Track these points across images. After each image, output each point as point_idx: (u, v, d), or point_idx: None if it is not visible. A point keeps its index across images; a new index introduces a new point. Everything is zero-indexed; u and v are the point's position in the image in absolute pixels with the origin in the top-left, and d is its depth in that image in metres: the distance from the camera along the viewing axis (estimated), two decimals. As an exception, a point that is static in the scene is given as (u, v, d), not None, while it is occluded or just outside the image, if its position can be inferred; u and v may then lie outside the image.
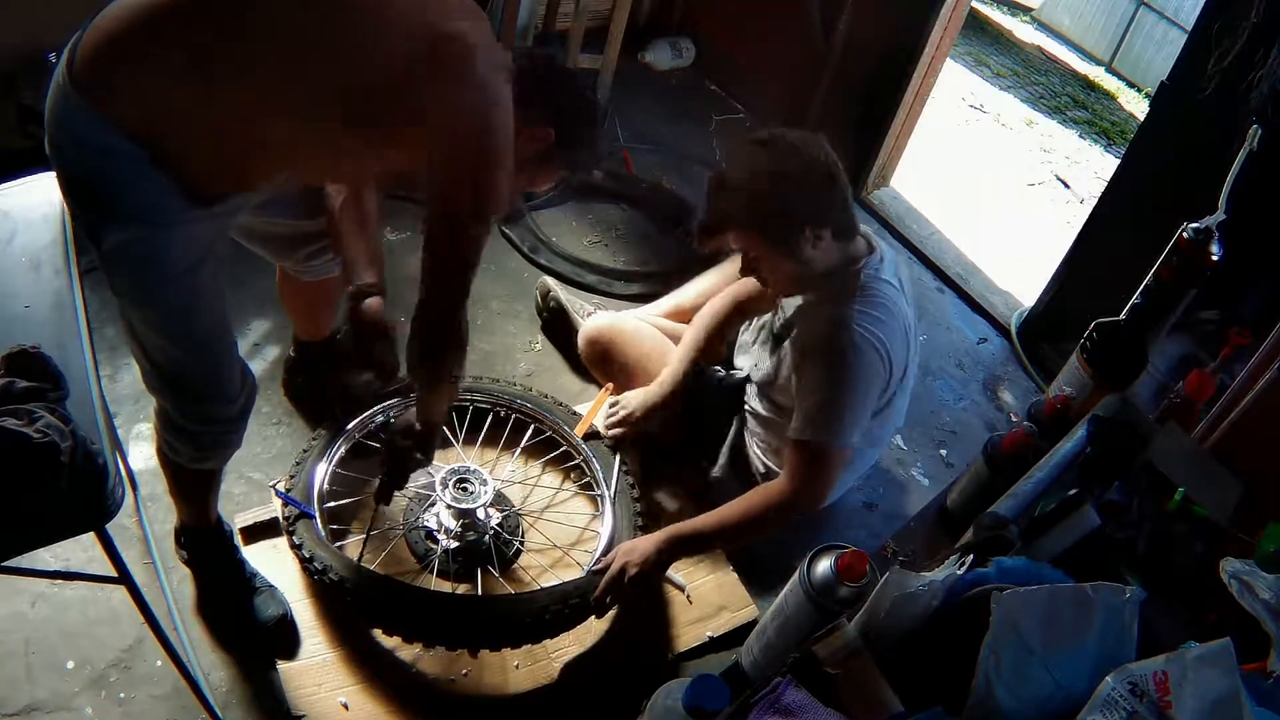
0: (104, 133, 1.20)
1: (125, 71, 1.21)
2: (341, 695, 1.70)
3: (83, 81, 1.20)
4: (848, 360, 1.75)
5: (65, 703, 1.63)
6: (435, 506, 1.94)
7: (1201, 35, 2.38)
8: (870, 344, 1.75)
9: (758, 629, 1.78)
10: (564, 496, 2.14)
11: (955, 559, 1.32)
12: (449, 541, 1.92)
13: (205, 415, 1.46)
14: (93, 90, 1.20)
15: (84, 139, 1.22)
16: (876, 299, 1.79)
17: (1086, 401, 2.14)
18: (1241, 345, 2.06)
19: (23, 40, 2.34)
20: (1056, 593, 1.17)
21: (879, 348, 1.77)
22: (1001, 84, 5.81)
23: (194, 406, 1.45)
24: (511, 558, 1.98)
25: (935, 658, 1.21)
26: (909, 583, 1.21)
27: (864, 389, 1.78)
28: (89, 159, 1.23)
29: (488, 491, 1.91)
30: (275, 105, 1.27)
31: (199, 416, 1.46)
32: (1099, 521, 1.47)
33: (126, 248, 1.28)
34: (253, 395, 1.52)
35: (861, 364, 1.76)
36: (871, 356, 1.76)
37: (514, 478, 2.12)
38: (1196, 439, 1.82)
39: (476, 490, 1.90)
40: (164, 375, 1.41)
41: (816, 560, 1.58)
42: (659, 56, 3.84)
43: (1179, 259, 2.23)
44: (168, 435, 1.50)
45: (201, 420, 1.46)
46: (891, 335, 1.79)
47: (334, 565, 1.70)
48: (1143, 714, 1.06)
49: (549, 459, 2.17)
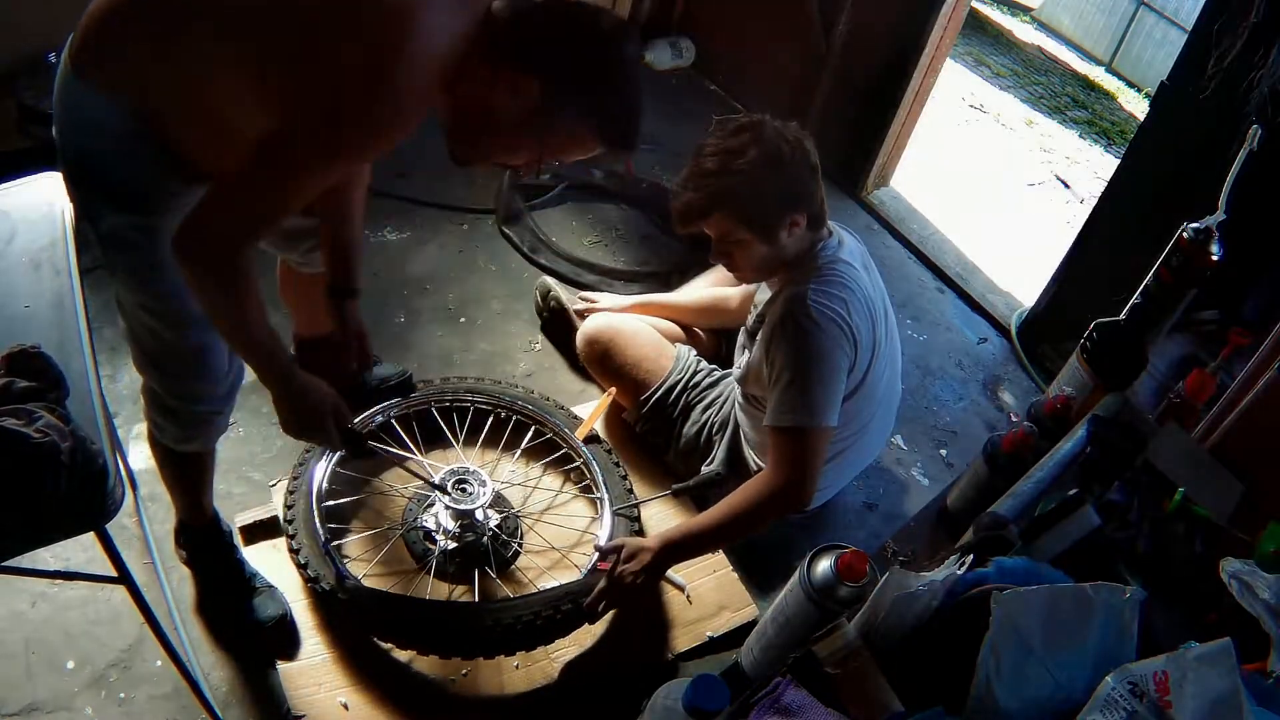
0: (98, 108, 1.22)
1: (113, 47, 1.22)
2: (341, 695, 1.70)
3: (78, 59, 1.22)
4: (808, 337, 1.76)
5: (65, 703, 1.63)
6: (434, 507, 1.94)
7: (1201, 35, 2.38)
8: (829, 318, 1.76)
9: (758, 629, 1.77)
10: (563, 499, 2.14)
11: (955, 559, 1.32)
12: (447, 542, 1.92)
13: (192, 393, 1.46)
14: (86, 67, 1.22)
15: (80, 117, 1.24)
16: (834, 277, 1.81)
17: (1086, 401, 2.14)
18: (1241, 345, 2.06)
19: (23, 40, 2.34)
20: (1056, 593, 1.17)
21: (839, 321, 1.77)
22: (1001, 84, 5.81)
23: (181, 384, 1.45)
24: (510, 559, 1.98)
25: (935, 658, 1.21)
26: (909, 583, 1.21)
27: (829, 363, 1.78)
28: (85, 138, 1.25)
29: (486, 493, 1.90)
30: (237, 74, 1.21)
31: (185, 394, 1.46)
32: (1099, 521, 1.47)
33: (123, 230, 1.29)
34: (239, 376, 1.52)
35: (823, 338, 1.76)
36: (832, 330, 1.77)
37: (514, 479, 2.12)
38: (1196, 439, 1.82)
39: (475, 491, 1.90)
40: (153, 354, 1.42)
41: (816, 560, 1.58)
42: (659, 56, 3.84)
43: (1179, 259, 2.23)
44: (155, 414, 1.51)
45: (188, 398, 1.47)
46: (852, 308, 1.80)
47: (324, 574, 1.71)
48: (1143, 714, 1.06)
49: (549, 461, 2.17)
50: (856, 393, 1.91)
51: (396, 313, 2.53)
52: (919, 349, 2.99)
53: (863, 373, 1.90)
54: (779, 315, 1.81)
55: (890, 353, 2.02)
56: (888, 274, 3.24)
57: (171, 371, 1.45)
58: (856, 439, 2.05)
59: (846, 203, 3.52)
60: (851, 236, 1.97)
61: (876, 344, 1.90)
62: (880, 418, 2.11)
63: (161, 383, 1.46)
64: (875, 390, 1.98)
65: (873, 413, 2.04)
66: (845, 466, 2.12)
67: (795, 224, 1.78)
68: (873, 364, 1.91)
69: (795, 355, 1.77)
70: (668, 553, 1.78)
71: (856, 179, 3.51)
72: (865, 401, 1.97)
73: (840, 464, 2.07)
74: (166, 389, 1.46)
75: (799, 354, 1.77)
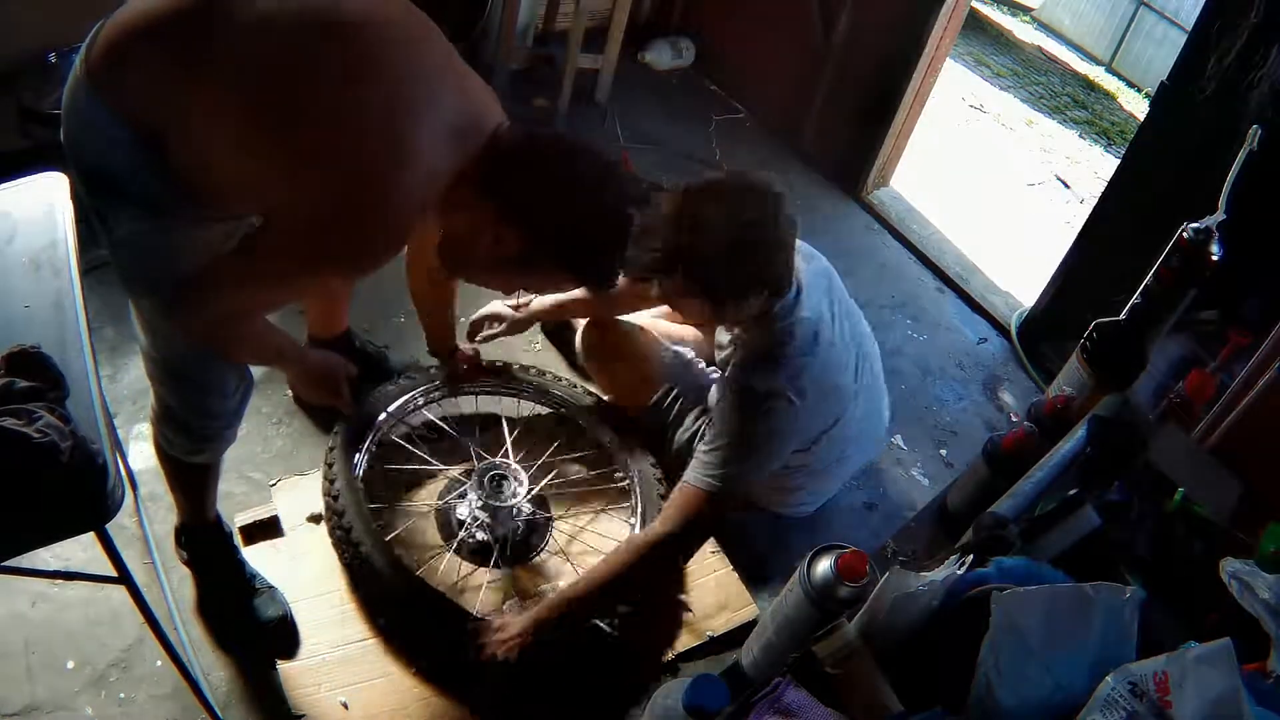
0: (114, 125, 1.21)
1: (131, 71, 1.21)
2: (341, 695, 1.70)
3: (95, 75, 1.21)
4: (748, 421, 1.76)
5: (65, 703, 1.63)
6: (468, 495, 1.99)
7: (1201, 35, 2.38)
8: (773, 406, 1.75)
9: (758, 629, 1.77)
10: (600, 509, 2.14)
11: (955, 559, 1.32)
12: (475, 530, 1.97)
13: (202, 408, 1.47)
14: (104, 85, 1.21)
15: (96, 130, 1.23)
16: (789, 348, 1.76)
17: (1086, 401, 2.14)
18: (1241, 345, 2.06)
19: (23, 40, 2.34)
20: (1056, 593, 1.17)
21: (787, 399, 1.75)
22: (1001, 84, 5.82)
23: (191, 398, 1.46)
24: (532, 557, 2.01)
25: (935, 658, 1.21)
26: (909, 583, 1.21)
27: (764, 447, 1.79)
28: (102, 149, 1.25)
29: (519, 494, 1.95)
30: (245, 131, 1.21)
31: (196, 409, 1.47)
32: (1099, 521, 1.47)
33: (136, 237, 1.29)
34: (248, 391, 1.53)
35: (762, 423, 1.76)
36: (776, 416, 1.75)
37: (554, 483, 2.13)
38: (1196, 439, 1.82)
39: (510, 490, 1.95)
40: (165, 365, 1.43)
41: (816, 560, 1.58)
42: (659, 56, 3.84)
43: (1179, 259, 2.23)
44: (164, 428, 1.51)
45: (198, 413, 1.47)
46: (806, 377, 1.77)
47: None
48: (1143, 714, 1.06)
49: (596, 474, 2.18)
50: (828, 433, 1.93)
51: (397, 313, 2.53)
52: (919, 349, 2.98)
53: (832, 421, 1.91)
54: (729, 380, 1.82)
55: (868, 380, 2.02)
56: (888, 274, 3.26)
57: (184, 384, 1.45)
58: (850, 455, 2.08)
59: (846, 202, 3.53)
60: (813, 269, 1.88)
61: (845, 389, 1.91)
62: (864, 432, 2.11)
63: (174, 396, 1.46)
64: (848, 427, 1.98)
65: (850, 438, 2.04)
66: (830, 483, 2.16)
67: (759, 297, 1.74)
68: (847, 408, 1.93)
69: (732, 429, 1.77)
70: (542, 626, 1.70)
71: (856, 179, 3.51)
72: (837, 442, 1.98)
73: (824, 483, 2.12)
74: (178, 402, 1.46)
75: (737, 431, 1.77)
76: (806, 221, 3.33)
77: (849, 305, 2.01)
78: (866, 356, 2.03)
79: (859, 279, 3.18)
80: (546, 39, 3.49)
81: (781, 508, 2.16)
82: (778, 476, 2.00)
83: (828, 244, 3.31)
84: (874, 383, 2.10)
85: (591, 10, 3.26)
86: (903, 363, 2.90)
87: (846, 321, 1.94)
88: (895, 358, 2.91)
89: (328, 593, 1.83)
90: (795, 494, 2.12)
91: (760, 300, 1.74)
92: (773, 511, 2.17)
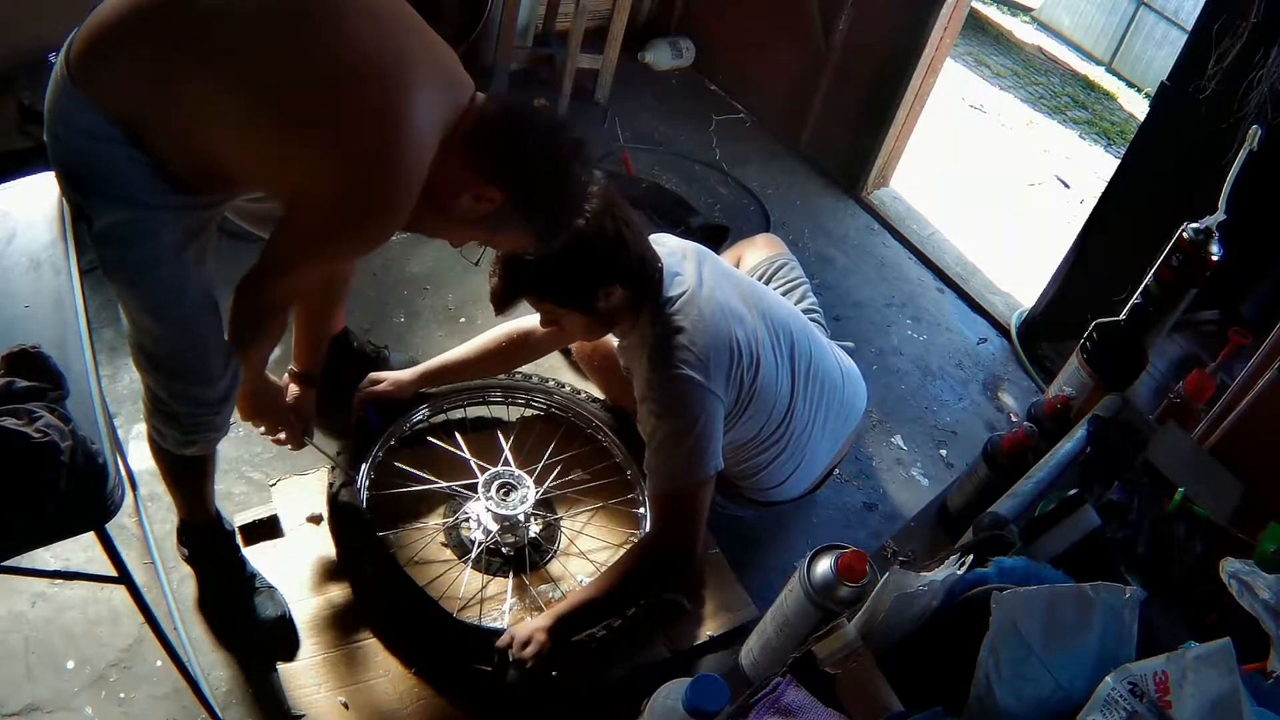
0: (91, 117, 1.25)
1: (109, 62, 1.26)
2: (341, 695, 1.70)
3: (74, 69, 1.26)
4: (665, 401, 1.76)
5: (65, 703, 1.63)
6: (477, 505, 1.98)
7: (1201, 35, 2.38)
8: (680, 374, 1.74)
9: (758, 629, 1.77)
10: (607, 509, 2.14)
11: (955, 559, 1.32)
12: (485, 539, 1.97)
13: (189, 397, 1.47)
14: (82, 78, 1.25)
15: (74, 123, 1.27)
16: (675, 320, 1.78)
17: (1086, 401, 2.14)
18: (1241, 345, 2.05)
19: (23, 40, 2.34)
20: (1056, 593, 1.17)
21: (692, 369, 1.75)
22: (1001, 84, 5.82)
23: (179, 387, 1.46)
24: (544, 564, 2.01)
25: (935, 658, 1.21)
26: (909, 583, 1.21)
27: (693, 421, 1.76)
28: (79, 142, 1.28)
29: (528, 500, 1.95)
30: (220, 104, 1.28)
31: (183, 398, 1.47)
32: (1099, 521, 1.47)
33: (116, 228, 1.31)
34: (236, 379, 1.53)
35: (679, 398, 1.75)
36: (687, 385, 1.74)
37: (560, 487, 2.12)
38: (1196, 439, 1.81)
39: (518, 497, 1.95)
40: (151, 355, 1.44)
41: (816, 560, 1.58)
42: (659, 56, 3.84)
43: (1179, 259, 2.23)
44: (154, 420, 1.52)
45: (185, 402, 1.48)
46: (702, 334, 1.77)
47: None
48: (1143, 714, 1.06)
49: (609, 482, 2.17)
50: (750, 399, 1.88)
51: (396, 313, 2.53)
52: (919, 349, 2.99)
53: (751, 379, 1.86)
54: (638, 379, 1.82)
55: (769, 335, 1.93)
56: (887, 274, 3.26)
57: (171, 374, 1.45)
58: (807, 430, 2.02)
59: (846, 203, 3.53)
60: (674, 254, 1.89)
61: (749, 342, 1.86)
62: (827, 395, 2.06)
63: (161, 386, 1.46)
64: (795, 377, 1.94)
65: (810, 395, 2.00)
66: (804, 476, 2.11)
67: (610, 293, 1.76)
68: (762, 358, 1.87)
69: (657, 420, 1.78)
70: (561, 629, 1.73)
71: (856, 179, 3.52)
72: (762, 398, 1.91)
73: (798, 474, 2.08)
74: (166, 391, 1.47)
75: (660, 419, 1.77)
76: (807, 221, 3.38)
77: (732, 273, 1.99)
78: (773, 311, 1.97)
79: (859, 279, 3.19)
80: (546, 39, 3.49)
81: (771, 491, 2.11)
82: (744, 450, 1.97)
83: (828, 244, 3.34)
84: (813, 343, 2.04)
85: (591, 10, 3.26)
86: (903, 363, 2.91)
87: (729, 283, 1.92)
88: (895, 358, 2.91)
89: (328, 593, 1.83)
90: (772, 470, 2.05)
91: (618, 294, 1.77)
92: (767, 501, 2.14)
